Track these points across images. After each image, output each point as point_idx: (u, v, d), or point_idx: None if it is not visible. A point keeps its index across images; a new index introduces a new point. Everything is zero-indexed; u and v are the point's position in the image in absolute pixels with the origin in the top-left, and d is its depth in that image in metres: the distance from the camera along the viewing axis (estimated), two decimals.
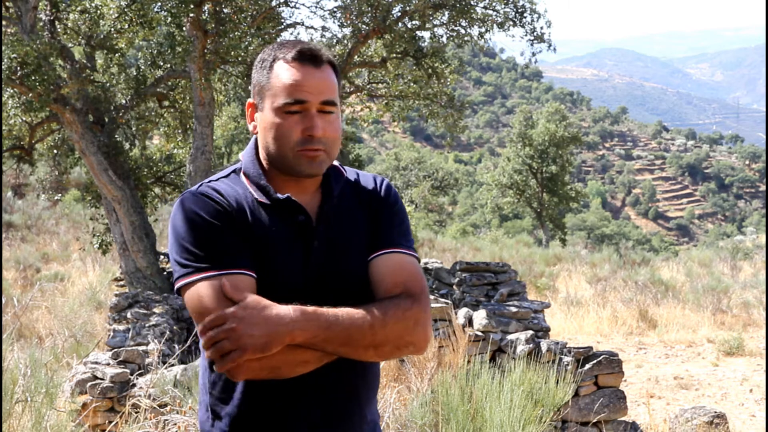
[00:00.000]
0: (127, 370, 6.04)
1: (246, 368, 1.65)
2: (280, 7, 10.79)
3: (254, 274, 1.75)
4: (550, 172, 33.53)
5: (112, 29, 9.89)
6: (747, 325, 12.79)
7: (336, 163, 1.94)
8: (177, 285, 1.76)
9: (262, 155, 1.88)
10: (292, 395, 1.79)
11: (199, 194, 1.80)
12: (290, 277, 1.79)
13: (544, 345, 6.27)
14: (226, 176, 1.89)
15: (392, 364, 5.69)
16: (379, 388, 4.62)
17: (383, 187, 1.96)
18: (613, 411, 6.13)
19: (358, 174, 1.98)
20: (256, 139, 1.91)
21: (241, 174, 1.88)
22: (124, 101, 10.73)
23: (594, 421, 6.06)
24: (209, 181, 1.87)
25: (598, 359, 6.23)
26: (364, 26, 10.39)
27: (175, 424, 4.40)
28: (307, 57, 1.80)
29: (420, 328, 1.78)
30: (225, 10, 9.56)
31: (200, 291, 1.72)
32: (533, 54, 11.36)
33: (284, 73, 1.80)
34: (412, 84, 11.64)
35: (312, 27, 11.44)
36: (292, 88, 1.78)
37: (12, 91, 9.37)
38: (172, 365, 5.75)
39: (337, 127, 1.83)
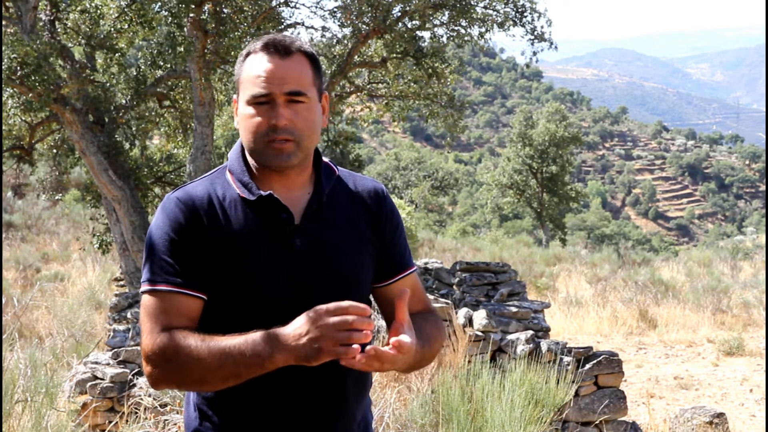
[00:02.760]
0: (127, 370, 6.03)
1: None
2: (280, 7, 10.79)
3: (203, 296, 1.75)
4: (550, 172, 33.55)
5: (112, 29, 9.89)
6: (747, 325, 12.79)
7: (327, 160, 1.91)
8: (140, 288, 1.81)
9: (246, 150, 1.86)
10: (280, 394, 1.76)
11: (174, 199, 1.78)
12: (272, 279, 1.75)
13: (544, 345, 6.27)
14: (213, 174, 1.86)
15: None
16: (380, 388, 4.61)
17: (386, 200, 1.94)
18: (613, 411, 6.13)
19: (352, 175, 1.95)
20: None
21: (227, 171, 1.85)
22: (124, 101, 10.72)
23: (595, 421, 6.06)
24: (191, 182, 1.84)
25: (598, 359, 6.22)
26: (364, 26, 10.39)
27: (175, 424, 4.40)
28: (274, 48, 1.77)
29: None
30: (225, 10, 9.57)
31: (145, 302, 1.75)
32: (534, 53, 11.36)
33: (251, 65, 1.78)
34: (412, 84, 11.64)
35: (312, 27, 11.46)
36: (258, 78, 1.76)
37: (12, 91, 9.37)
38: None
39: (309, 117, 1.78)
